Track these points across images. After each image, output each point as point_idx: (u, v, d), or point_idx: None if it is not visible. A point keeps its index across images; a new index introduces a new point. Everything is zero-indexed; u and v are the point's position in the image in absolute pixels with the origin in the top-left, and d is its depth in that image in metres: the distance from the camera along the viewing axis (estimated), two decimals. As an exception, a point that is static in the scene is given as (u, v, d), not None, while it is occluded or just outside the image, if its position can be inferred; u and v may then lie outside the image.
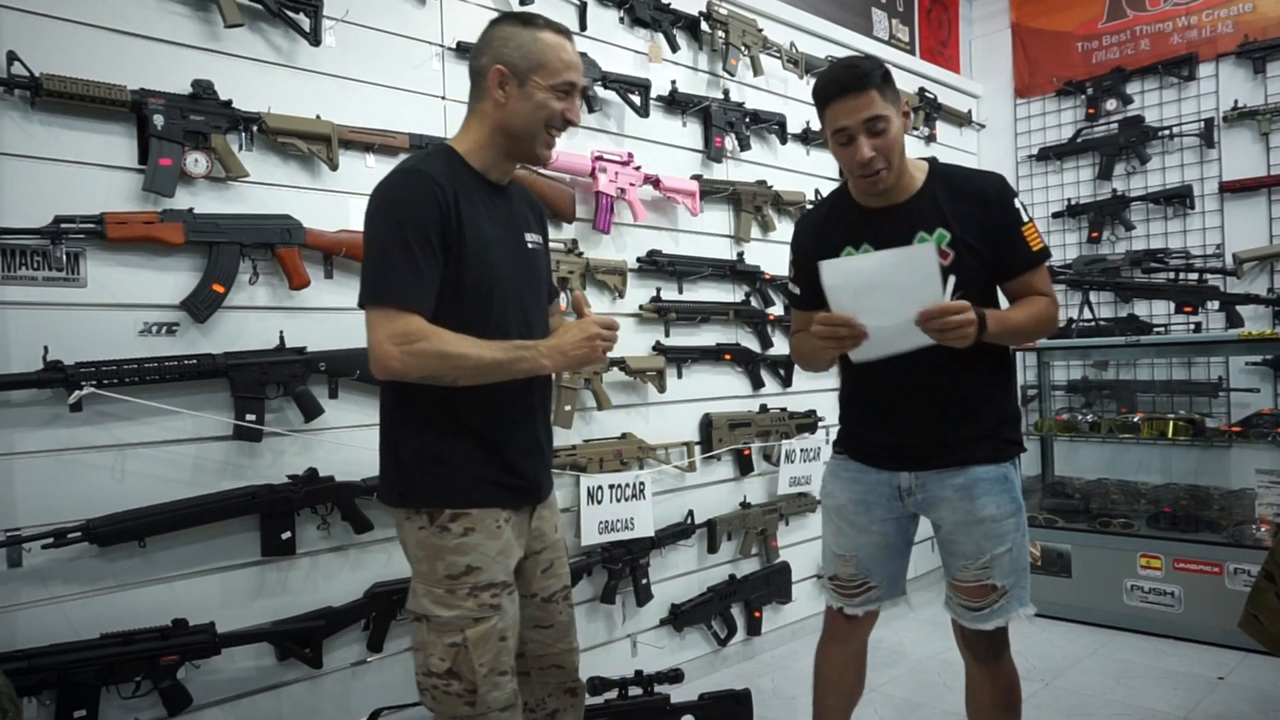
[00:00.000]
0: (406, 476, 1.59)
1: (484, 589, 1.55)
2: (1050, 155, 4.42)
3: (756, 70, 3.37)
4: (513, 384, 1.58)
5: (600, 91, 2.84)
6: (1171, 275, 3.85)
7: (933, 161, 1.84)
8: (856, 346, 1.66)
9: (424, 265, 1.49)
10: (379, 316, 1.48)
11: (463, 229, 1.53)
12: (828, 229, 1.88)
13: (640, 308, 2.92)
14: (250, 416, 2.04)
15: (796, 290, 1.95)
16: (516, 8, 2.66)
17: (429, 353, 1.46)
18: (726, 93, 3.31)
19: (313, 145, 2.16)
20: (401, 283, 1.47)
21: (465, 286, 1.55)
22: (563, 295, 2.45)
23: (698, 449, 3.10)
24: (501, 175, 1.66)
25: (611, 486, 2.70)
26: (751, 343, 3.33)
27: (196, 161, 2.00)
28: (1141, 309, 4.07)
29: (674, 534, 2.96)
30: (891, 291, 1.60)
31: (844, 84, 1.67)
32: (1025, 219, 1.77)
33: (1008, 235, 1.75)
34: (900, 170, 1.75)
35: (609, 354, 1.68)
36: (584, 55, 2.76)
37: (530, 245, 1.70)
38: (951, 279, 1.65)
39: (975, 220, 1.74)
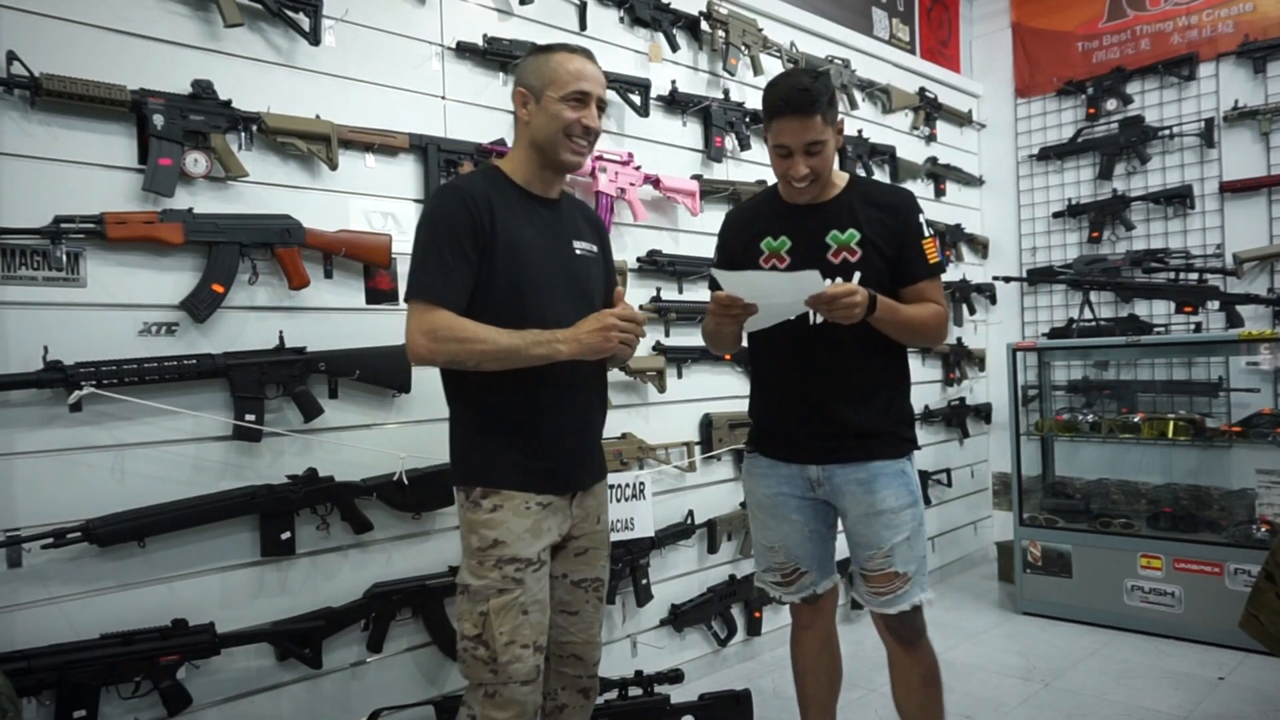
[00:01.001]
0: (456, 458, 1.78)
1: (508, 562, 1.66)
2: (1051, 155, 4.42)
3: (757, 70, 3.37)
4: (544, 374, 1.69)
5: (600, 91, 2.84)
6: (1171, 275, 3.85)
7: (854, 175, 2.03)
8: (747, 319, 1.83)
9: (454, 267, 1.66)
10: (412, 309, 1.67)
11: (496, 233, 1.70)
12: (753, 219, 2.05)
13: (640, 308, 2.92)
14: (250, 416, 2.04)
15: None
16: (516, 8, 2.66)
17: (449, 338, 1.63)
18: (726, 92, 3.30)
19: (312, 145, 2.16)
20: (431, 281, 1.66)
21: (498, 283, 1.70)
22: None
23: (698, 449, 3.10)
24: (545, 188, 1.82)
25: (611, 486, 2.70)
26: (751, 343, 3.32)
27: (196, 161, 2.00)
28: (1142, 309, 4.08)
29: (674, 534, 2.96)
30: (782, 296, 1.80)
31: (794, 106, 1.80)
32: (926, 234, 1.94)
33: (908, 245, 1.92)
34: (826, 181, 1.93)
35: (631, 345, 1.76)
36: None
37: (579, 252, 1.84)
38: (857, 274, 1.87)
39: (882, 225, 1.91)
